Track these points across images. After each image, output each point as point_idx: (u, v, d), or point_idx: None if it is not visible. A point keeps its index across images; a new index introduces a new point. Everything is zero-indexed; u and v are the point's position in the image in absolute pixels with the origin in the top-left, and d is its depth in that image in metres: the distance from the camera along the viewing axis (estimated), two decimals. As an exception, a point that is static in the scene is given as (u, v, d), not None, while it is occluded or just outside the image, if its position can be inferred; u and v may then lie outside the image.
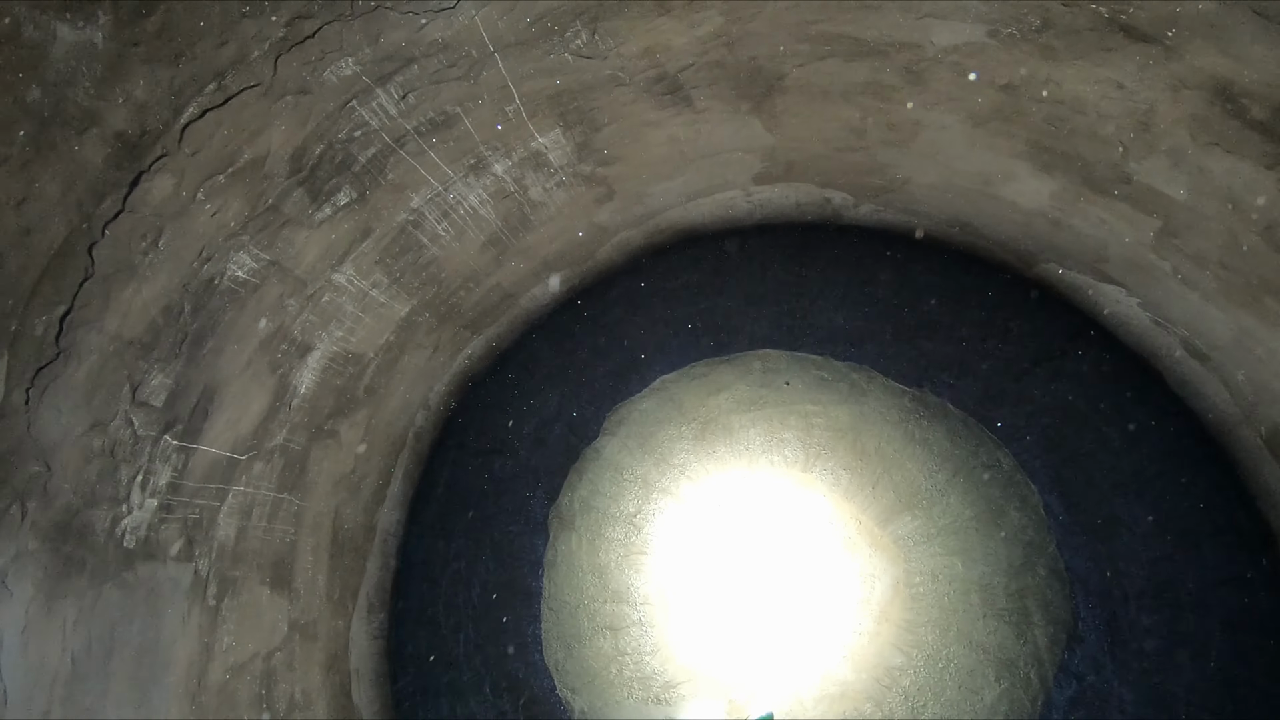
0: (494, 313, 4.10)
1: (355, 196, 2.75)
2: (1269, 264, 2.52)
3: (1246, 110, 2.13)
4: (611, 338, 4.39)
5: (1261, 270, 2.56)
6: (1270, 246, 2.44)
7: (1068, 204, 3.09)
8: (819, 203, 4.05)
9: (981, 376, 3.93)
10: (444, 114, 2.74)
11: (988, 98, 2.75)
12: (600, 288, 4.42)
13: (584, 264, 4.24)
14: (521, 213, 3.47)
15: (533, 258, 3.88)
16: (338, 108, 2.44)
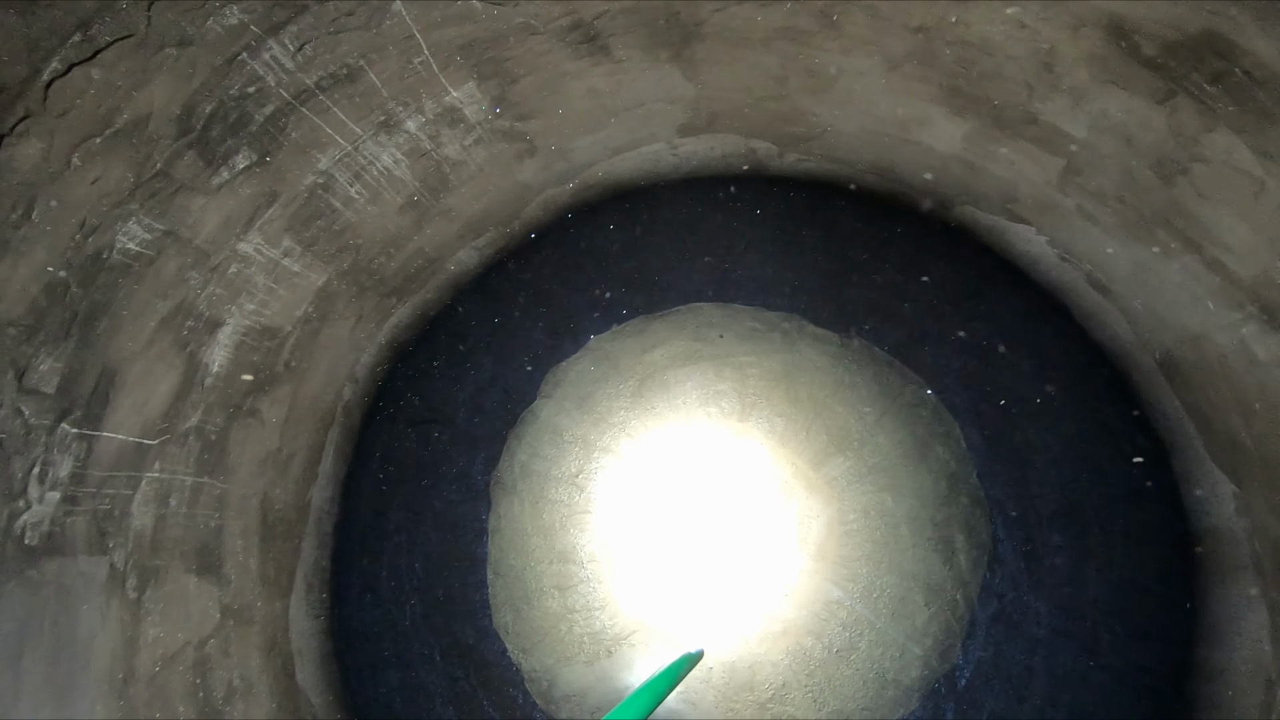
0: (419, 278, 3.97)
1: (256, 159, 2.58)
2: (1160, 197, 2.67)
3: (1139, 48, 2.21)
4: (543, 299, 4.33)
5: (1154, 204, 2.71)
6: (1161, 180, 2.58)
7: (980, 146, 3.17)
8: (744, 153, 4.05)
9: (905, 320, 4.06)
10: (346, 67, 2.58)
11: (902, 41, 2.77)
12: (528, 248, 4.33)
13: (510, 224, 4.14)
14: (440, 172, 3.34)
15: (456, 219, 3.75)
16: (226, 61, 2.26)
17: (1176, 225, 2.71)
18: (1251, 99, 2.11)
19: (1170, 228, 2.74)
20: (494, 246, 4.18)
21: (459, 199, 3.61)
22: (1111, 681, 3.61)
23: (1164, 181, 2.58)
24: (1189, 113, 2.30)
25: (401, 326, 4.13)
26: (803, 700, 3.95)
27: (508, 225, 4.13)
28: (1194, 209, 2.57)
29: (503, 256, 4.28)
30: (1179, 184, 2.54)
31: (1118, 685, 3.60)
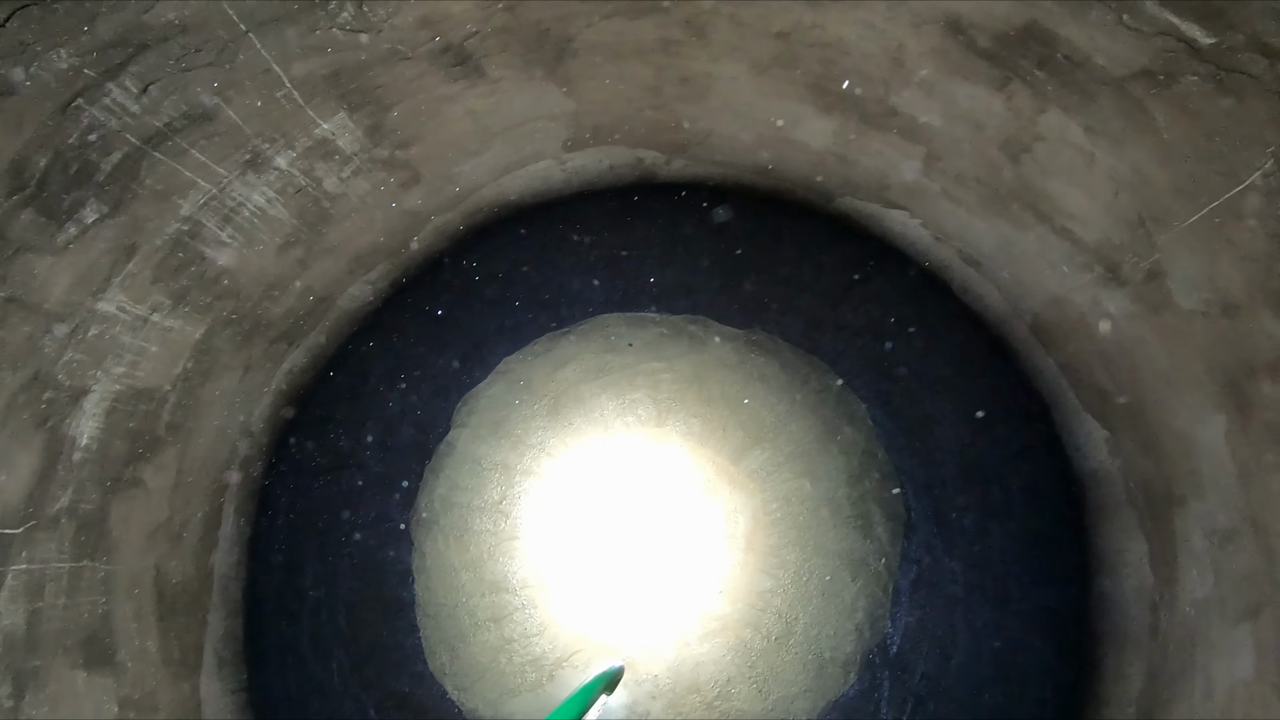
0: (310, 319, 3.79)
1: (107, 210, 2.39)
2: (1010, 175, 2.90)
3: (974, 40, 2.40)
4: (445, 327, 4.22)
5: (1006, 181, 2.94)
6: (1009, 159, 2.80)
7: (849, 140, 3.35)
8: (632, 164, 4.10)
9: (803, 310, 4.22)
10: (201, 106, 2.43)
11: (766, 45, 2.89)
12: (425, 277, 4.22)
13: (402, 254, 4.02)
14: (319, 207, 3.20)
15: (343, 254, 3.61)
16: (59, 109, 2.08)
17: (1027, 200, 2.95)
18: (1073, 80, 2.33)
19: (1022, 202, 2.98)
20: (388, 279, 4.04)
21: (344, 233, 3.47)
22: (1024, 626, 3.87)
23: (1012, 160, 2.80)
24: (1024, 96, 2.51)
25: (296, 371, 3.93)
26: (748, 693, 4.02)
27: (400, 255, 4.01)
28: (1040, 184, 2.81)
29: (399, 288, 4.15)
30: (1024, 162, 2.77)
31: (1030, 628, 3.86)
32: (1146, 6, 1.96)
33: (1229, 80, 1.94)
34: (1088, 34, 2.15)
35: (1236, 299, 2.38)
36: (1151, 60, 2.08)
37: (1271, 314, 2.25)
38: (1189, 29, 1.92)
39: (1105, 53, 2.16)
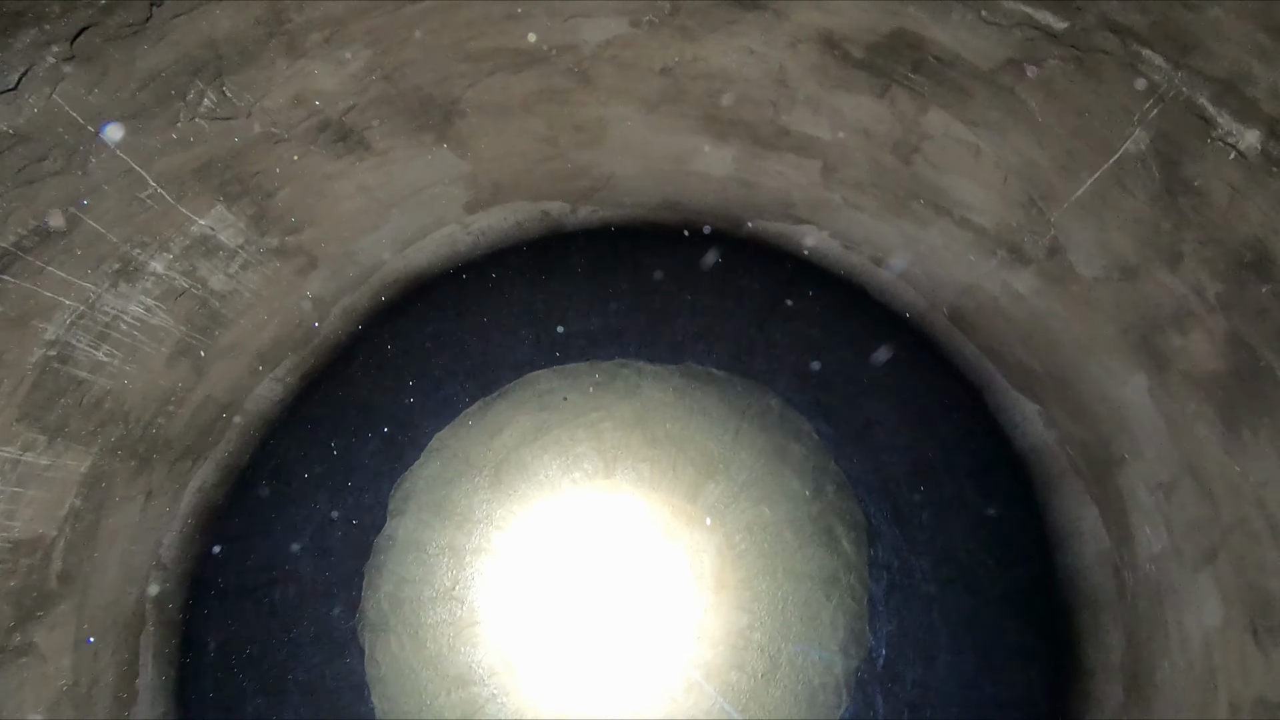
0: (216, 429, 3.49)
1: (-46, 347, 2.11)
2: (904, 176, 2.99)
3: (849, 53, 2.48)
4: (368, 412, 3.98)
5: (901, 182, 3.03)
6: (902, 161, 2.89)
7: (749, 165, 3.40)
8: (538, 217, 4.04)
9: (731, 336, 4.22)
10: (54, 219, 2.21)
11: (652, 84, 2.91)
12: (338, 364, 3.99)
13: (311, 343, 3.79)
14: (208, 309, 2.97)
15: (243, 354, 3.36)
16: (-122, 242, 1.83)
17: (925, 197, 3.05)
18: (947, 79, 2.42)
19: (921, 200, 3.07)
20: (298, 372, 3.79)
21: (241, 332, 3.23)
22: (999, 612, 3.88)
23: (904, 162, 2.89)
24: (905, 100, 2.60)
25: (208, 488, 3.60)
26: (746, 738, 3.85)
27: (308, 345, 3.78)
28: (934, 180, 2.91)
29: (311, 380, 3.90)
30: (916, 162, 2.86)
31: (1005, 613, 3.87)
32: (1001, 1, 2.06)
33: (1087, 59, 2.05)
34: (952, 33, 2.25)
35: (1131, 261, 2.49)
36: (1015, 50, 2.18)
37: (1167, 270, 2.37)
38: (1043, 16, 2.03)
39: (971, 49, 2.26)
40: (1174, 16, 1.81)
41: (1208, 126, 1.94)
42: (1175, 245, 2.28)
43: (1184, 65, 1.87)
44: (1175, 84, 1.92)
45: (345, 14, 2.33)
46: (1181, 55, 1.86)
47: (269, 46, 2.30)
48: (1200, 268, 2.24)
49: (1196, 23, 1.78)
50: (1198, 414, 2.53)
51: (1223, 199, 2.04)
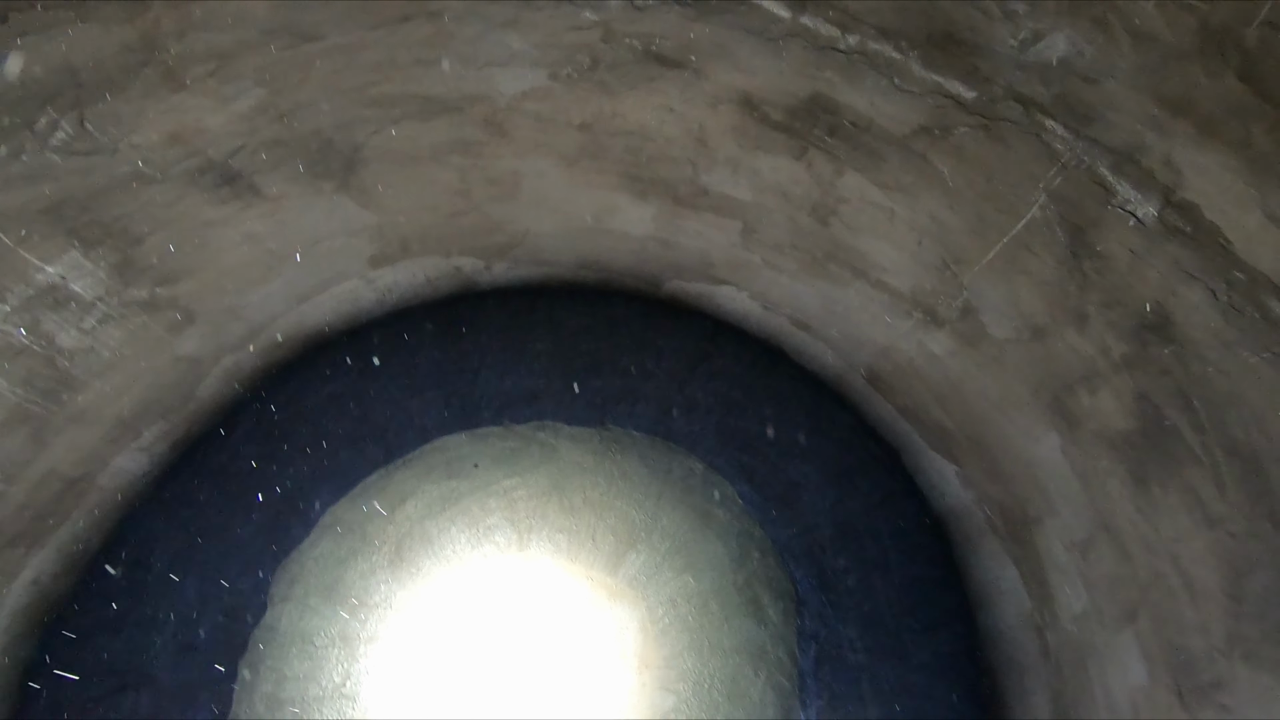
0: (59, 510, 3.00)
1: None
2: (822, 238, 3.01)
3: (768, 115, 2.48)
4: (251, 484, 3.56)
5: (820, 244, 3.05)
6: (819, 223, 2.91)
7: (668, 224, 3.36)
8: (450, 273, 3.84)
9: (651, 397, 4.10)
10: None
11: (570, 138, 2.83)
12: (217, 431, 3.57)
13: (186, 408, 3.37)
14: (55, 369, 2.58)
15: (98, 422, 2.93)
16: None
17: (841, 258, 3.07)
18: (862, 143, 2.46)
19: (838, 261, 3.10)
20: (167, 440, 3.36)
21: (96, 396, 2.82)
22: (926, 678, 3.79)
23: (822, 224, 2.91)
24: (822, 163, 2.62)
25: (45, 579, 3.07)
26: (673, 836, 3.53)
27: (182, 410, 3.36)
28: (850, 242, 2.94)
29: (184, 449, 3.47)
30: (833, 224, 2.89)
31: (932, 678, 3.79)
32: (913, 69, 2.10)
33: (995, 128, 2.12)
34: (867, 99, 2.29)
35: (1041, 322, 2.55)
36: (926, 117, 2.23)
37: (1074, 331, 2.43)
38: (953, 86, 2.09)
39: (885, 114, 2.30)
40: (1073, 89, 1.89)
41: (1108, 194, 2.01)
42: (1081, 307, 2.34)
43: (1084, 136, 1.95)
44: (1077, 153, 1.99)
45: (233, 47, 2.13)
46: (1082, 126, 1.93)
47: (141, 76, 2.06)
48: (1105, 329, 2.31)
49: (1094, 95, 1.85)
50: (1109, 472, 2.57)
51: (1124, 263, 2.12)
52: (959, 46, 1.98)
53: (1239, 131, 1.65)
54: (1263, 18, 1.47)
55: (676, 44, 2.33)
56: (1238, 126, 1.64)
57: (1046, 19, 1.78)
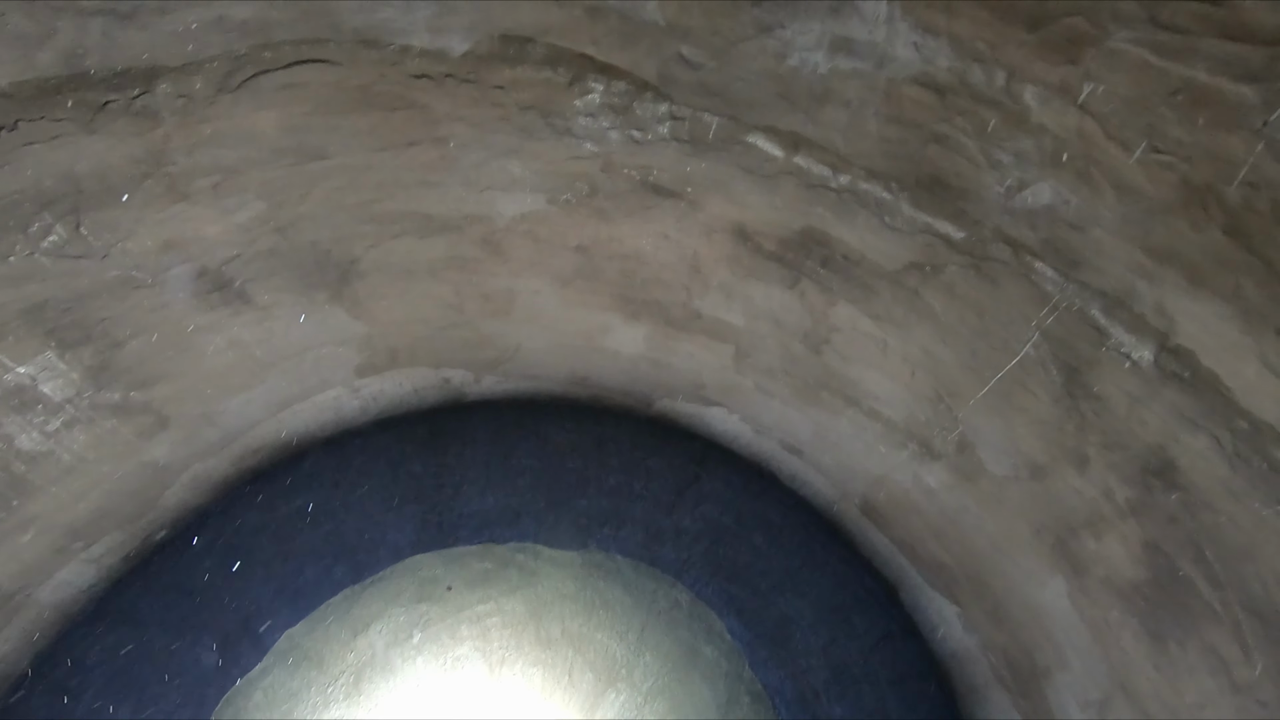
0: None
1: None
2: (814, 365, 2.99)
3: (762, 245, 2.53)
4: (203, 603, 3.31)
5: (812, 371, 3.02)
6: (811, 351, 2.89)
7: (660, 345, 3.35)
8: (438, 384, 3.79)
9: (638, 520, 3.93)
10: None
11: (566, 259, 2.87)
12: (176, 543, 3.37)
13: (145, 517, 3.19)
14: (8, 473, 2.44)
15: (47, 530, 2.75)
16: None
17: (834, 386, 3.04)
18: (854, 276, 2.49)
19: (830, 389, 3.06)
20: (120, 553, 3.15)
21: (49, 502, 2.67)
22: None
23: (814, 352, 2.90)
24: (814, 293, 2.65)
25: (-42, 706, 2.76)
26: None
27: (141, 519, 3.18)
28: (843, 371, 2.92)
29: (135, 563, 3.25)
30: (826, 352, 2.88)
31: None
32: (903, 209, 2.16)
33: (985, 267, 2.14)
34: (858, 235, 2.33)
35: (1040, 461, 2.48)
36: (917, 254, 2.26)
37: (1075, 472, 2.35)
38: (942, 226, 2.13)
39: (876, 250, 2.34)
40: (1061, 235, 1.92)
41: (1102, 337, 2.00)
42: (1081, 448, 2.28)
43: (1074, 279, 1.97)
44: (1068, 295, 2.00)
45: (239, 163, 2.17)
46: (1071, 270, 1.95)
47: (143, 187, 2.08)
48: (1108, 472, 2.24)
49: (1082, 241, 1.88)
50: (1122, 624, 2.41)
51: (1122, 406, 2.08)
52: (947, 190, 2.03)
53: (1229, 283, 1.66)
54: (1242, 178, 1.51)
55: (674, 176, 2.40)
56: (1227, 278, 1.65)
57: (1031, 169, 1.84)
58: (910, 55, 1.80)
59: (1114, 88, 1.59)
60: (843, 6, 1.78)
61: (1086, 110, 1.66)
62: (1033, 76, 1.69)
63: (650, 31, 1.99)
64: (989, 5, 1.63)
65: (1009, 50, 1.68)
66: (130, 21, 1.74)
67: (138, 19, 1.75)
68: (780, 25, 1.87)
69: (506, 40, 2.05)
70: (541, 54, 2.08)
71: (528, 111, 2.25)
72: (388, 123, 2.23)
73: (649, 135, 2.27)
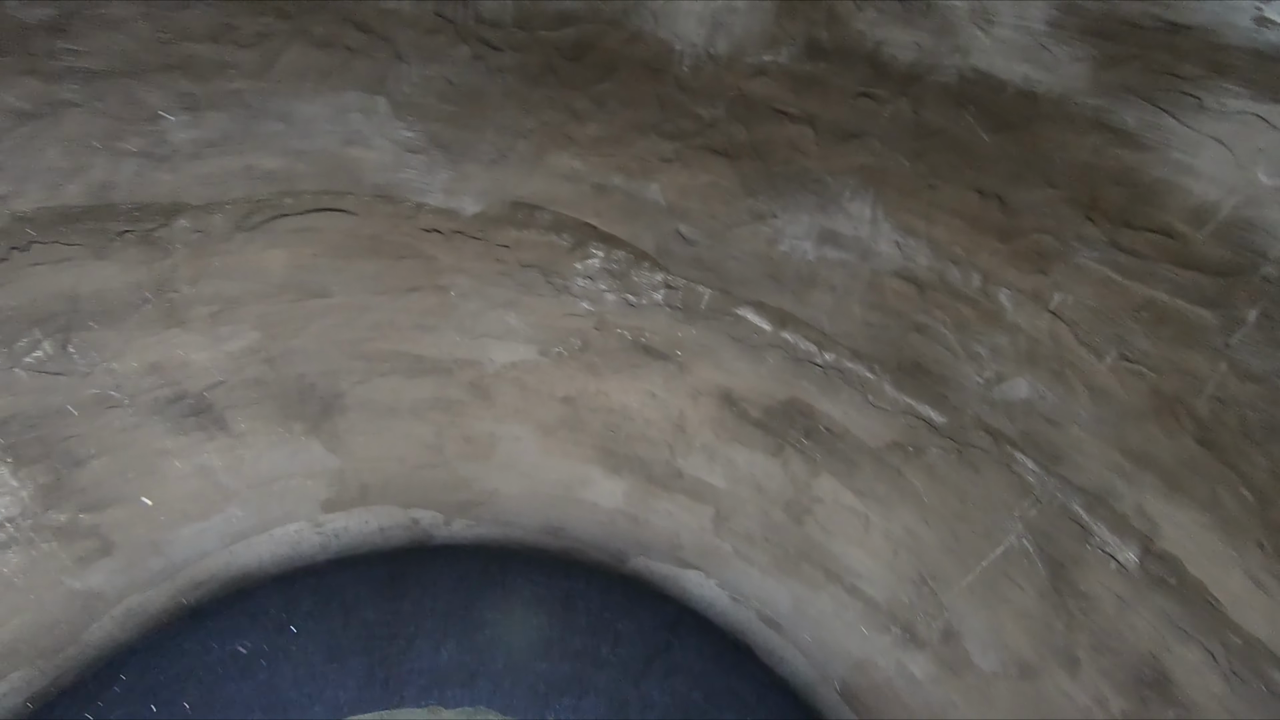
0: None
1: None
2: (796, 535, 2.92)
3: (747, 412, 2.55)
4: (106, 760, 2.94)
5: (793, 541, 2.95)
6: (793, 520, 2.84)
7: (640, 501, 3.28)
8: (406, 525, 3.64)
9: (603, 690, 3.64)
10: None
11: (551, 409, 2.87)
12: (90, 684, 3.05)
13: (61, 653, 2.91)
14: (-76, 595, 2.25)
15: (-51, 662, 2.49)
16: None
17: (815, 559, 2.95)
18: (837, 449, 2.49)
19: (811, 561, 2.97)
20: (23, 693, 2.84)
21: (-40, 630, 2.44)
22: None
23: (796, 521, 2.85)
24: (797, 462, 2.64)
25: None
26: None
27: (60, 654, 2.90)
28: (825, 543, 2.84)
29: (39, 705, 2.92)
30: (807, 523, 2.82)
31: None
32: (885, 389, 2.21)
33: (966, 453, 2.16)
34: (842, 409, 2.37)
35: (1028, 659, 2.36)
36: (899, 434, 2.29)
37: (1066, 675, 2.23)
38: (924, 409, 2.17)
39: (860, 426, 2.37)
40: (1039, 429, 1.96)
41: (1086, 533, 1.98)
42: (1070, 649, 2.18)
43: (1054, 473, 1.98)
44: (1049, 489, 2.00)
45: (241, 295, 2.22)
46: (1051, 463, 1.97)
47: (141, 311, 2.10)
48: (1099, 678, 2.12)
49: (1060, 437, 1.92)
50: None
51: (1111, 607, 2.01)
52: (928, 376, 2.09)
53: (1206, 491, 1.67)
54: (1210, 392, 1.57)
55: (665, 339, 2.47)
56: (1204, 486, 1.67)
57: (1008, 364, 1.91)
58: (892, 252, 1.93)
59: (1082, 299, 1.69)
60: (830, 205, 1.93)
61: (1058, 316, 1.75)
62: (1005, 281, 1.80)
63: (651, 209, 2.13)
64: (964, 216, 1.77)
65: (983, 256, 1.80)
66: (164, 164, 1.85)
67: (171, 162, 1.86)
68: (773, 214, 2.02)
69: (516, 206, 2.19)
70: (548, 220, 2.21)
71: (529, 269, 2.35)
72: (393, 269, 2.31)
73: (643, 300, 2.36)
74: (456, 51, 1.83)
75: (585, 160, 2.04)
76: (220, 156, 1.90)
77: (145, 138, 1.78)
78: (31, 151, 1.66)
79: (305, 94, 1.85)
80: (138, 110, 1.72)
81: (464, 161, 2.07)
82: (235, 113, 1.83)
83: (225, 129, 1.85)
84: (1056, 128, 1.56)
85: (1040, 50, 1.49)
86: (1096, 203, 1.57)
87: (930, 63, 1.63)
